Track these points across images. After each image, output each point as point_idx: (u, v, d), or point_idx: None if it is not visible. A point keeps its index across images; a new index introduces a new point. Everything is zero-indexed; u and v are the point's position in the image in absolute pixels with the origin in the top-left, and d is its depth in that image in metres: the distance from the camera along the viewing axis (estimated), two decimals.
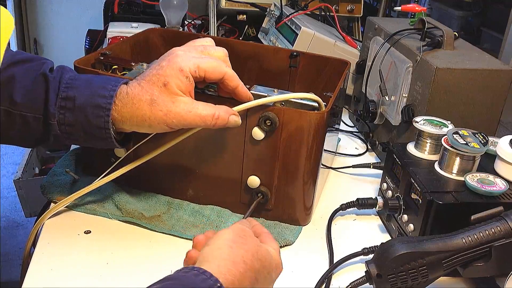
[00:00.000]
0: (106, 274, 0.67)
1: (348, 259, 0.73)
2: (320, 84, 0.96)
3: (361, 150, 1.08)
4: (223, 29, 1.53)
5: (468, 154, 0.72)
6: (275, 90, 0.78)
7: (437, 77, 0.84)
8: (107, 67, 0.83)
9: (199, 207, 0.80)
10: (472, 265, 0.61)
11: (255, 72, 0.99)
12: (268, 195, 0.77)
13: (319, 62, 0.96)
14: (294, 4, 1.43)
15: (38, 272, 0.66)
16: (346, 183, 0.96)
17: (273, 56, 0.98)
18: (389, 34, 1.00)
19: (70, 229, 0.75)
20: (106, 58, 0.83)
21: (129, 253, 0.71)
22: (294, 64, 0.96)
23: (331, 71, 0.94)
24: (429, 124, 0.79)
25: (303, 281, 0.69)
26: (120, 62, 0.83)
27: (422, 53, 0.89)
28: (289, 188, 0.77)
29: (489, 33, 1.77)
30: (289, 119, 0.72)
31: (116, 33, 1.36)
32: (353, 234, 0.81)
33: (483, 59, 0.91)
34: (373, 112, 1.02)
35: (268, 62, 0.98)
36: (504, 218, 0.61)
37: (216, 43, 0.74)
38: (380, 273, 0.60)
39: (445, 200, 0.68)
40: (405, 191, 0.75)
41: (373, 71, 1.03)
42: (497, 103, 0.88)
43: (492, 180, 0.71)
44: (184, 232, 0.75)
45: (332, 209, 0.83)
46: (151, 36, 1.00)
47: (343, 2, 1.48)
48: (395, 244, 0.60)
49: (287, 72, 0.97)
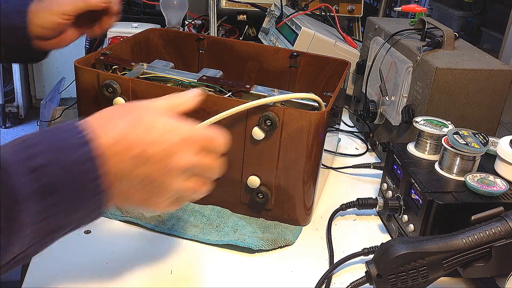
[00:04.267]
0: (106, 274, 0.67)
1: (348, 259, 0.73)
2: (320, 84, 0.96)
3: (361, 150, 1.08)
4: (223, 29, 1.54)
5: (468, 154, 0.72)
6: (275, 90, 0.78)
7: (437, 77, 0.84)
8: (107, 67, 0.83)
9: (199, 207, 0.80)
10: (472, 266, 0.61)
11: (255, 72, 0.99)
12: (268, 195, 0.77)
13: (319, 62, 0.96)
14: (294, 4, 1.43)
15: (38, 272, 0.66)
16: (346, 183, 0.96)
17: (273, 56, 0.98)
18: (389, 34, 1.00)
19: None
20: (106, 58, 0.83)
21: (129, 253, 0.71)
22: (294, 64, 0.96)
23: (331, 71, 0.95)
24: (429, 124, 0.79)
25: (303, 281, 0.69)
26: (120, 62, 0.83)
27: (422, 53, 0.89)
28: (289, 188, 0.77)
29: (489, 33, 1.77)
30: (289, 119, 0.72)
31: (116, 33, 1.36)
32: (353, 234, 0.81)
33: (483, 59, 0.91)
34: (373, 112, 1.02)
35: (268, 62, 0.98)
36: (504, 219, 0.61)
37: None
38: (380, 273, 0.60)
39: (446, 200, 0.68)
40: (405, 191, 0.75)
41: (373, 71, 1.03)
42: (497, 103, 0.88)
43: (492, 180, 0.71)
44: (184, 232, 0.75)
45: (332, 209, 0.83)
46: (151, 36, 1.00)
47: (343, 2, 1.48)
48: (395, 244, 0.60)
49: (287, 72, 0.98)
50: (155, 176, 0.52)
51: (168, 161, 0.53)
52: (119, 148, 0.50)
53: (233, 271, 0.70)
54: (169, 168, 0.53)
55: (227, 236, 0.74)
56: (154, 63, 0.87)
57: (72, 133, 0.49)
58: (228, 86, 0.78)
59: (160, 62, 0.88)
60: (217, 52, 1.01)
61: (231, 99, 0.74)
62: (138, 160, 0.51)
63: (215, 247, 0.74)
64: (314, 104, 0.75)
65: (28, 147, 0.46)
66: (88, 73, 0.77)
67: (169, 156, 0.53)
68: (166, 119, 0.54)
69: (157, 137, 0.52)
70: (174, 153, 0.53)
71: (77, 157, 0.47)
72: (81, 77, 0.78)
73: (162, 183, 0.53)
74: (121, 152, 0.50)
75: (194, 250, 0.73)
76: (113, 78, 0.75)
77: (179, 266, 0.70)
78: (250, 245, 0.72)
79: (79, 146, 0.48)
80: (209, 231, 0.76)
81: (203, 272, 0.69)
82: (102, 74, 0.76)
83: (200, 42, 1.01)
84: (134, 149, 0.51)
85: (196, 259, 0.71)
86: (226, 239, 0.74)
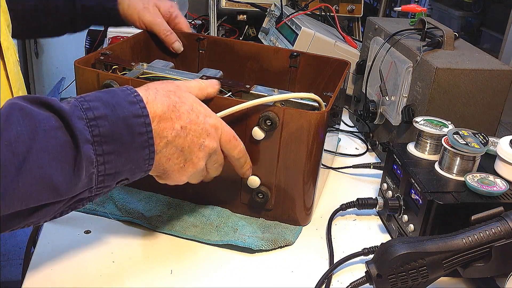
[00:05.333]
0: (106, 274, 0.67)
1: (348, 259, 0.73)
2: (321, 84, 0.96)
3: (361, 150, 1.08)
4: (223, 29, 1.53)
5: (468, 154, 0.72)
6: (275, 90, 0.78)
7: (437, 77, 0.84)
8: (107, 67, 0.83)
9: (199, 207, 0.80)
10: (472, 266, 0.61)
11: (255, 72, 0.99)
12: (268, 195, 0.77)
13: (319, 62, 0.96)
14: (294, 4, 1.43)
15: (38, 272, 0.66)
16: (346, 183, 0.96)
17: (273, 56, 0.98)
18: (389, 34, 1.00)
19: (70, 229, 0.75)
20: (106, 58, 0.83)
21: (129, 253, 0.71)
22: (294, 64, 0.96)
23: (331, 71, 0.95)
24: (429, 124, 0.79)
25: (303, 281, 0.69)
26: (120, 62, 0.83)
27: (422, 53, 0.89)
28: (289, 188, 0.77)
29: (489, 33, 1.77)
30: (289, 119, 0.71)
31: (116, 33, 1.36)
32: (353, 234, 0.81)
33: (483, 59, 0.91)
34: (373, 112, 1.02)
35: (268, 62, 0.98)
36: (505, 219, 0.61)
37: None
38: (380, 273, 0.60)
39: (445, 200, 0.68)
40: (405, 191, 0.75)
41: (373, 71, 1.03)
42: (497, 103, 0.88)
43: (492, 180, 0.71)
44: (184, 232, 0.75)
45: (332, 209, 0.83)
46: (151, 36, 1.00)
47: (343, 2, 1.48)
48: (395, 244, 0.60)
49: (287, 72, 0.98)
50: (190, 149, 0.62)
51: (202, 139, 0.63)
52: (169, 115, 0.59)
53: (233, 271, 0.70)
54: (203, 146, 0.63)
55: (227, 236, 0.74)
56: (154, 63, 0.87)
57: (126, 93, 0.57)
58: (228, 86, 0.78)
59: (160, 62, 0.88)
60: (217, 52, 1.01)
61: (231, 99, 0.74)
62: (182, 131, 0.60)
63: (215, 247, 0.74)
64: (314, 104, 0.75)
65: (85, 101, 0.54)
66: (88, 73, 0.77)
67: (205, 136, 0.63)
68: (201, 103, 0.64)
69: (196, 116, 0.62)
70: (208, 134, 0.63)
71: (131, 112, 0.55)
72: (81, 77, 0.78)
73: (194, 157, 0.63)
74: (171, 119, 0.59)
75: (194, 250, 0.73)
76: (113, 78, 0.75)
77: (179, 266, 0.70)
78: (250, 245, 0.72)
79: (134, 103, 0.56)
80: (209, 231, 0.76)
81: (203, 272, 0.69)
82: (102, 74, 0.76)
83: (200, 42, 1.01)
84: (181, 120, 0.60)
85: (196, 259, 0.71)
86: (226, 239, 0.74)
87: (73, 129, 0.50)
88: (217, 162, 0.68)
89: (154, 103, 0.58)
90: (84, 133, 0.51)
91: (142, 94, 0.58)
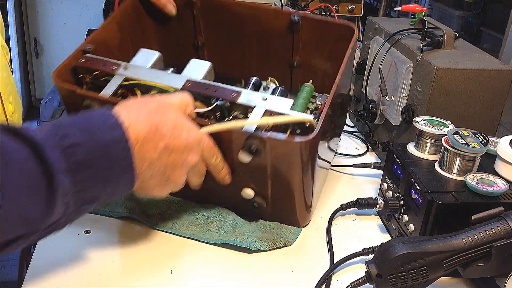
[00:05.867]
0: (106, 274, 0.67)
1: (348, 259, 0.73)
2: (324, 52, 0.90)
3: (361, 150, 1.08)
4: None
5: (468, 154, 0.72)
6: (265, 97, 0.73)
7: (437, 77, 0.84)
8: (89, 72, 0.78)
9: (200, 206, 0.80)
10: (472, 265, 0.61)
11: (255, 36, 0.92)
12: (263, 205, 0.76)
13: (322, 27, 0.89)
14: (294, 4, 1.43)
15: (38, 272, 0.66)
16: (346, 183, 0.96)
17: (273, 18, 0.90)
18: (389, 34, 1.00)
19: (70, 229, 0.74)
20: (87, 61, 0.77)
21: (129, 252, 0.71)
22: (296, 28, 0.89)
23: (336, 36, 0.88)
24: (429, 124, 0.79)
25: (303, 281, 0.69)
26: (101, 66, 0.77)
27: (422, 53, 0.89)
28: (285, 197, 0.75)
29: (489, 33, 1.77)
30: (273, 146, 0.67)
31: None
32: (353, 234, 0.81)
33: (483, 59, 0.91)
34: (373, 112, 1.02)
35: (268, 26, 0.90)
36: (505, 219, 0.61)
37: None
38: (380, 273, 0.60)
39: (446, 200, 0.68)
40: (406, 191, 0.75)
41: (373, 71, 1.03)
42: (497, 103, 0.88)
43: (493, 180, 0.71)
44: (184, 230, 0.75)
45: (332, 209, 0.83)
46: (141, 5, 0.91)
47: (343, 2, 1.48)
48: (395, 244, 0.60)
49: (290, 38, 0.90)
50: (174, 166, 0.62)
51: (185, 156, 0.62)
52: (152, 136, 0.58)
53: (233, 271, 0.70)
54: (186, 162, 0.63)
55: (227, 235, 0.74)
56: (138, 55, 0.82)
57: (105, 117, 0.55)
58: (213, 95, 0.74)
59: (144, 53, 0.83)
60: (213, 17, 0.93)
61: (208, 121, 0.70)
62: (165, 150, 0.60)
63: (215, 247, 0.74)
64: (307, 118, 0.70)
65: (59, 128, 0.52)
66: (66, 91, 0.73)
67: (188, 152, 0.62)
68: (184, 118, 0.63)
69: (180, 133, 0.61)
70: (190, 150, 0.63)
71: (111, 137, 0.53)
72: (61, 92, 0.74)
73: (176, 174, 0.63)
74: (153, 140, 0.58)
75: (194, 249, 0.73)
76: (93, 98, 0.71)
77: (179, 265, 0.70)
78: (249, 245, 0.72)
79: (112, 128, 0.54)
80: (209, 229, 0.76)
81: (203, 272, 0.69)
82: (80, 92, 0.72)
83: (194, 5, 0.93)
84: (164, 139, 0.59)
85: (196, 259, 0.71)
86: (225, 239, 0.74)
87: (46, 159, 0.48)
88: (198, 172, 0.69)
89: (136, 126, 0.56)
90: (58, 163, 0.49)
91: (124, 116, 0.56)
